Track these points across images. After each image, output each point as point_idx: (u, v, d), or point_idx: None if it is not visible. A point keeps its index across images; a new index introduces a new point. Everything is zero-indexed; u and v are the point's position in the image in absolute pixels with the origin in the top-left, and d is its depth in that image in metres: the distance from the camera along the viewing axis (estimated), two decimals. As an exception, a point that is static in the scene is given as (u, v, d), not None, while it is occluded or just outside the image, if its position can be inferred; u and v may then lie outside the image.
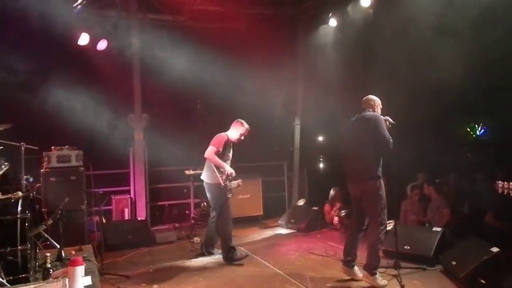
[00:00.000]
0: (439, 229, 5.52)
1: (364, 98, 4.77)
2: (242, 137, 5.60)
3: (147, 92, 7.69)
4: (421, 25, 6.20)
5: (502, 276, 4.31)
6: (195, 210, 7.89)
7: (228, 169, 5.43)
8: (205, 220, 6.51)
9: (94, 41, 7.07)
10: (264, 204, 8.34)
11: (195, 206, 7.98)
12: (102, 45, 7.03)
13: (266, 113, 8.19)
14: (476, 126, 10.67)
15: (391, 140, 4.47)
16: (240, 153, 8.29)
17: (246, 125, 5.58)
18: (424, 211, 6.69)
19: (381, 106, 4.74)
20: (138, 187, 7.69)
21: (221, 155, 5.46)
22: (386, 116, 4.68)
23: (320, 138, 9.63)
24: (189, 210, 8.21)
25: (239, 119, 5.63)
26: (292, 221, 7.58)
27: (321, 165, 9.73)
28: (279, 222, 7.86)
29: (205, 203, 7.29)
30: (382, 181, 4.49)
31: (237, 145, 8.33)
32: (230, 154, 5.61)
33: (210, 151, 5.38)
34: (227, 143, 5.52)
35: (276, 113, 8.78)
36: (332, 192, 7.86)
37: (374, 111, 4.66)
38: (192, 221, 7.46)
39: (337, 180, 7.96)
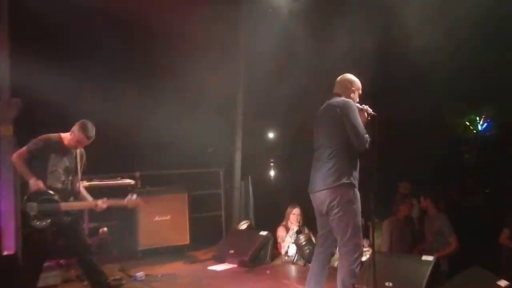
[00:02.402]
0: (430, 258, 5.63)
1: (339, 78, 4.86)
2: (79, 145, 5.39)
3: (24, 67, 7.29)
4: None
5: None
6: (91, 239, 7.54)
7: (32, 182, 5.13)
8: (105, 252, 6.44)
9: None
10: (191, 228, 8.29)
11: (91, 233, 7.69)
12: None
13: (197, 101, 8.36)
14: (478, 118, 11.08)
15: (367, 135, 4.56)
16: (159, 157, 8.45)
17: (89, 132, 5.32)
18: (412, 233, 6.94)
19: (360, 91, 4.85)
20: (4, 205, 7.28)
21: (42, 162, 5.21)
22: (364, 105, 4.77)
23: (271, 135, 9.78)
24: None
25: (84, 121, 5.38)
26: (232, 251, 7.51)
27: (272, 173, 9.84)
28: (213, 253, 7.79)
29: (105, 229, 7.05)
30: (356, 191, 4.56)
31: (153, 146, 8.16)
32: (63, 164, 5.34)
33: (17, 152, 5.22)
34: (51, 146, 5.27)
35: (211, 101, 8.88)
36: (288, 210, 7.85)
37: (348, 96, 4.74)
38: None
39: (294, 193, 8.00)
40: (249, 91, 9.03)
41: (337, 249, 4.70)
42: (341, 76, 4.86)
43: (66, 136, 5.40)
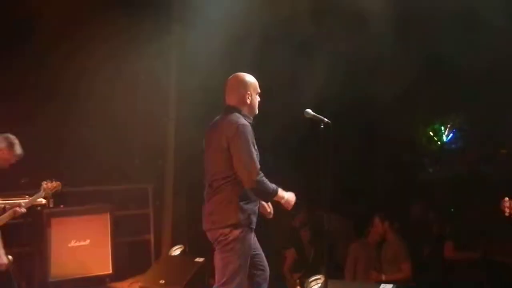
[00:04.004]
0: (389, 286, 5.86)
1: (228, 80, 4.79)
2: (3, 164, 5.53)
3: None
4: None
5: None
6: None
7: None
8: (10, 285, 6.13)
9: None
10: (114, 255, 8.28)
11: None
12: None
13: (121, 104, 8.27)
14: (443, 128, 11.37)
15: (256, 170, 4.43)
16: (75, 170, 8.39)
17: (18, 150, 5.51)
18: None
19: (258, 90, 4.80)
20: None
21: None
22: (308, 111, 4.82)
23: None
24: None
25: (9, 135, 5.53)
26: (162, 281, 7.54)
27: None
28: (140, 284, 7.80)
29: (9, 257, 6.91)
30: (247, 232, 4.53)
31: (68, 158, 8.23)
32: None
33: None
34: None
35: (138, 104, 8.88)
36: None
37: (244, 104, 4.69)
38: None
39: None
40: (184, 92, 8.95)
41: None
42: (230, 77, 4.76)
43: None
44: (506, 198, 4.27)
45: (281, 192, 4.58)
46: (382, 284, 6.01)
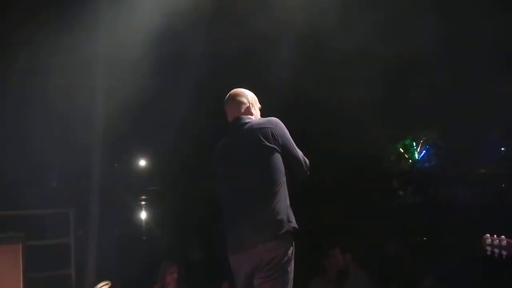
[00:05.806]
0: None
1: (227, 97, 4.73)
2: None
3: None
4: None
5: None
6: None
7: None
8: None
9: None
10: None
11: None
12: None
13: (33, 116, 8.29)
14: (415, 144, 11.50)
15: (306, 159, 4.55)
16: None
17: None
18: None
19: (259, 105, 4.77)
20: None
21: None
22: None
23: (143, 163, 9.70)
24: None
25: None
26: (83, 325, 7.33)
27: (144, 215, 9.67)
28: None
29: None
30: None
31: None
32: None
33: None
34: None
35: (56, 115, 8.73)
36: (163, 267, 7.50)
37: (253, 114, 4.68)
38: None
39: (173, 241, 8.04)
40: (114, 103, 8.63)
41: None
42: (229, 94, 4.71)
43: None
44: (487, 235, 4.06)
45: None
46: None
